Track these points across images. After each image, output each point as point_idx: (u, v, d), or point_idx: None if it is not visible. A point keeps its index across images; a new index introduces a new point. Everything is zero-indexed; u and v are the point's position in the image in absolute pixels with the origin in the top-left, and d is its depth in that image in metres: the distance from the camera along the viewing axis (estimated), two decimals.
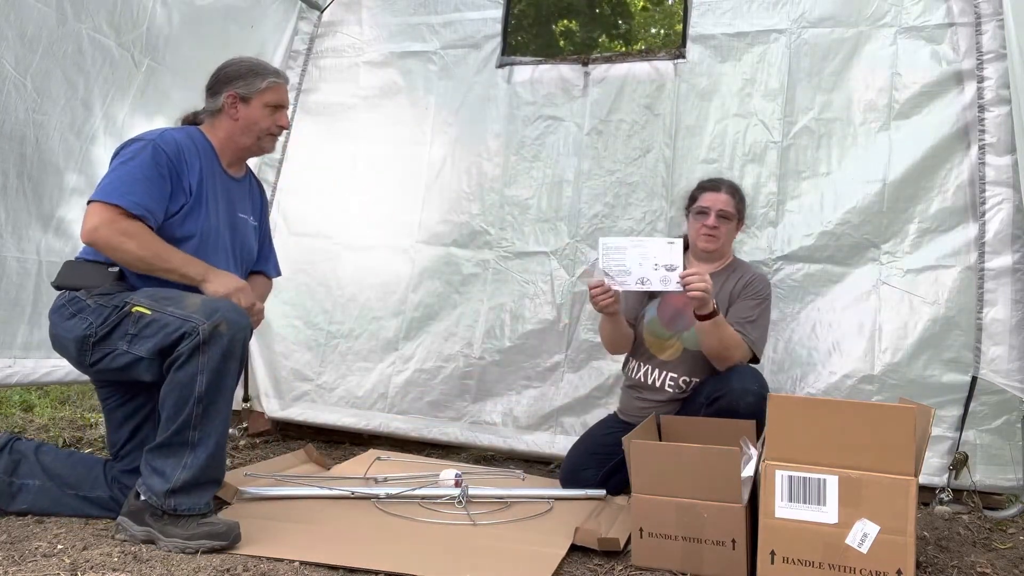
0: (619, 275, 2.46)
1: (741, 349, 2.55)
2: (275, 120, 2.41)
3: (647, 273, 2.44)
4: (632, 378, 2.81)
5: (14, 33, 2.51)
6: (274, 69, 2.44)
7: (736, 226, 2.82)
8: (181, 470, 1.99)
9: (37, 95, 2.62)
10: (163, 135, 2.23)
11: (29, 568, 1.79)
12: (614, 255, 2.47)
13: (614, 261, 2.46)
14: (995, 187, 2.83)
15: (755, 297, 2.68)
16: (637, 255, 2.44)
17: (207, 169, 2.31)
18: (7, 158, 2.57)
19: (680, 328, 2.67)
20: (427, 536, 2.21)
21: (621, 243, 2.47)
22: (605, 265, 2.47)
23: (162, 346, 2.01)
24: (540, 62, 3.53)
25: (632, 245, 2.46)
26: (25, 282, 2.67)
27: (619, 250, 2.46)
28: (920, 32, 3.00)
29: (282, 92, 2.43)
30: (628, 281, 2.46)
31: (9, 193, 2.60)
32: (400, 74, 3.70)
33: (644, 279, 2.44)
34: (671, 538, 2.03)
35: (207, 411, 2.00)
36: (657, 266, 2.43)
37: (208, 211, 2.27)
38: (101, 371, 2.15)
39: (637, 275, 2.45)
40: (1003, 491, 2.80)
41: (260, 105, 2.36)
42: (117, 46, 2.88)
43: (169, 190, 2.17)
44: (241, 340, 2.05)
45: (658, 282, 2.43)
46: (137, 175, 2.12)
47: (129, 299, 2.09)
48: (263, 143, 2.43)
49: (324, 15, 3.81)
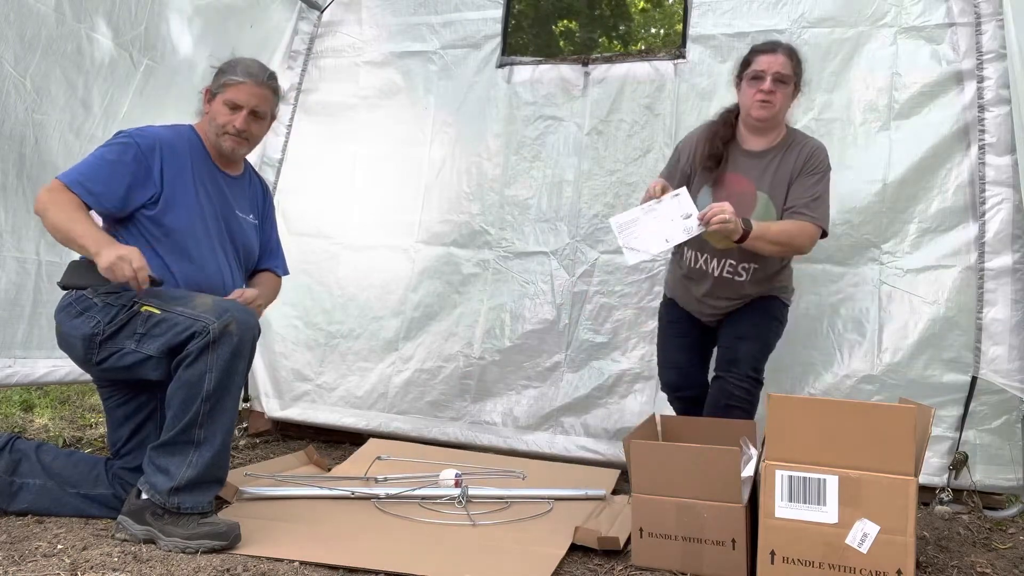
0: (642, 244, 2.44)
1: (803, 235, 2.47)
2: (231, 119, 2.32)
3: (667, 231, 2.43)
4: (688, 267, 2.68)
5: (13, 33, 2.51)
6: (247, 69, 2.34)
7: (793, 92, 2.59)
8: (186, 468, 2.00)
9: (36, 95, 2.62)
10: (143, 130, 2.26)
11: (29, 568, 1.79)
12: (630, 228, 2.45)
13: (633, 233, 2.45)
14: (995, 187, 2.83)
15: (815, 172, 2.53)
16: (652, 220, 2.44)
17: (197, 166, 2.31)
18: (7, 158, 2.57)
19: (739, 214, 2.48)
20: (427, 536, 2.21)
21: (632, 215, 2.47)
22: (625, 241, 2.45)
23: (171, 345, 2.02)
24: (540, 62, 3.53)
25: (643, 212, 2.46)
26: (25, 282, 2.67)
27: (632, 223, 2.45)
28: (920, 32, 3.00)
29: (243, 92, 2.31)
30: (652, 246, 2.45)
31: (9, 193, 2.60)
32: (400, 74, 3.69)
33: (667, 238, 2.43)
34: (671, 538, 2.03)
35: (214, 410, 2.01)
36: (674, 219, 2.42)
37: (191, 208, 2.27)
38: (107, 369, 2.16)
39: (659, 236, 2.43)
40: (1003, 491, 2.80)
41: (220, 102, 2.33)
42: (116, 46, 2.88)
43: (130, 179, 2.17)
44: (250, 340, 2.07)
45: (682, 233, 2.42)
46: (92, 161, 2.17)
47: (138, 298, 2.10)
48: (221, 141, 2.34)
49: (324, 15, 3.81)
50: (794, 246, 2.50)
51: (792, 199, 2.52)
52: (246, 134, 2.35)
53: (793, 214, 2.50)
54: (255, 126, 2.37)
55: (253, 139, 2.40)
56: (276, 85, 2.44)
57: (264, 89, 2.36)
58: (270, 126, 2.50)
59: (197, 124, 2.40)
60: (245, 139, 2.36)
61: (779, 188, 2.53)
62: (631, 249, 2.45)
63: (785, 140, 2.61)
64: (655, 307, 3.13)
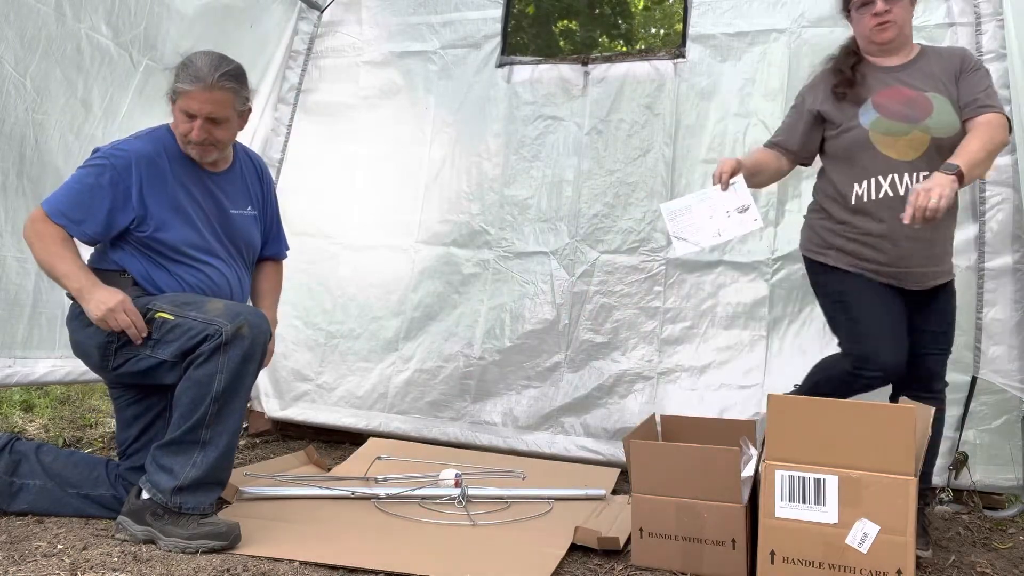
0: (693, 235, 2.35)
1: (999, 127, 2.21)
2: (190, 127, 2.17)
3: (721, 224, 2.32)
4: (869, 200, 2.27)
5: (13, 33, 2.51)
6: (195, 73, 2.14)
7: (911, 1, 2.35)
8: (190, 468, 2.00)
9: (36, 95, 2.62)
10: (117, 148, 2.18)
11: (29, 568, 1.79)
12: (682, 217, 2.36)
13: (684, 223, 2.35)
14: (995, 187, 2.82)
15: (978, 68, 2.31)
16: (706, 208, 2.34)
17: (179, 172, 2.23)
18: (7, 158, 2.57)
19: (918, 117, 2.25)
20: (427, 536, 2.21)
21: (685, 202, 2.38)
22: (675, 230, 2.36)
23: (185, 349, 2.04)
24: (540, 62, 3.53)
25: (697, 201, 2.36)
26: (25, 282, 2.67)
27: (685, 210, 2.36)
28: (920, 32, 2.99)
29: (193, 101, 2.14)
30: (703, 238, 2.34)
31: (9, 193, 2.60)
32: (400, 74, 3.69)
33: (719, 231, 2.32)
34: (671, 538, 2.03)
35: (222, 411, 2.02)
36: (729, 212, 2.31)
37: (181, 218, 2.22)
38: (123, 375, 2.18)
39: (712, 228, 2.33)
40: (1003, 491, 2.80)
41: (178, 109, 2.20)
42: (115, 46, 2.88)
43: (109, 203, 2.13)
44: (262, 344, 2.08)
45: (737, 227, 2.31)
46: (73, 187, 2.14)
47: (151, 305, 2.11)
48: (188, 150, 2.22)
49: (324, 15, 3.81)
50: (997, 143, 2.19)
51: (966, 94, 2.25)
52: (209, 140, 2.20)
53: (977, 108, 2.22)
54: (218, 131, 2.20)
55: (220, 143, 2.23)
56: (231, 84, 2.18)
57: (216, 92, 2.15)
58: (244, 122, 2.31)
59: (173, 124, 2.27)
60: (211, 144, 2.21)
61: (947, 87, 2.27)
62: (680, 239, 2.35)
63: (923, 52, 2.37)
64: (655, 307, 3.13)
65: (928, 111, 2.25)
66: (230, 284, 2.31)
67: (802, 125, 2.44)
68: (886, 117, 2.27)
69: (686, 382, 3.17)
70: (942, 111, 2.25)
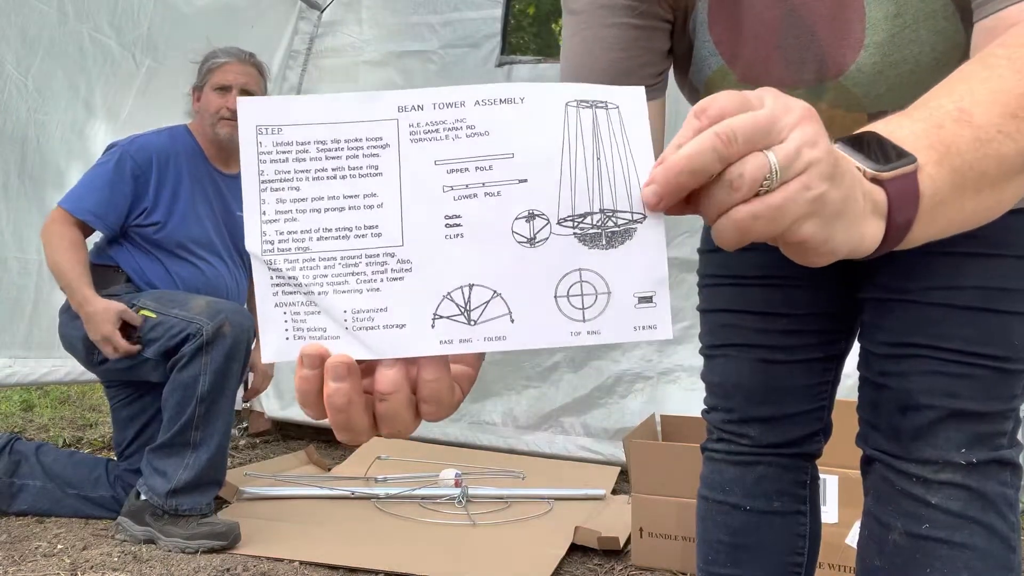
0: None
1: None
2: (224, 102, 2.30)
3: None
4: None
5: (15, 33, 2.51)
6: (227, 51, 2.35)
7: None
8: (183, 470, 2.01)
9: (38, 95, 2.62)
10: (136, 141, 2.26)
11: (29, 568, 1.79)
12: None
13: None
14: None
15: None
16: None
17: (193, 169, 2.31)
18: (8, 158, 2.58)
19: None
20: (427, 536, 2.22)
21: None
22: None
23: (166, 348, 2.05)
24: (540, 61, 3.53)
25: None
26: (26, 282, 2.67)
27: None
28: None
29: (229, 72, 2.31)
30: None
31: (10, 193, 2.60)
32: (399, 73, 3.69)
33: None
34: (671, 538, 2.03)
35: (209, 412, 2.02)
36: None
37: (189, 214, 2.27)
38: (109, 370, 2.19)
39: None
40: None
41: (210, 91, 2.33)
42: (118, 46, 2.88)
43: (131, 196, 2.19)
44: (244, 342, 2.07)
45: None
46: (96, 182, 2.17)
47: (135, 301, 2.12)
48: (218, 130, 2.32)
49: (324, 15, 3.81)
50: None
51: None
52: None
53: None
54: None
55: None
56: (260, 64, 2.42)
57: (249, 67, 2.35)
58: None
59: (191, 124, 2.40)
60: None
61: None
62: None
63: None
64: None
65: (861, 31, 1.18)
66: (227, 284, 2.33)
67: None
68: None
69: (686, 382, 3.17)
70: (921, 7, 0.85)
